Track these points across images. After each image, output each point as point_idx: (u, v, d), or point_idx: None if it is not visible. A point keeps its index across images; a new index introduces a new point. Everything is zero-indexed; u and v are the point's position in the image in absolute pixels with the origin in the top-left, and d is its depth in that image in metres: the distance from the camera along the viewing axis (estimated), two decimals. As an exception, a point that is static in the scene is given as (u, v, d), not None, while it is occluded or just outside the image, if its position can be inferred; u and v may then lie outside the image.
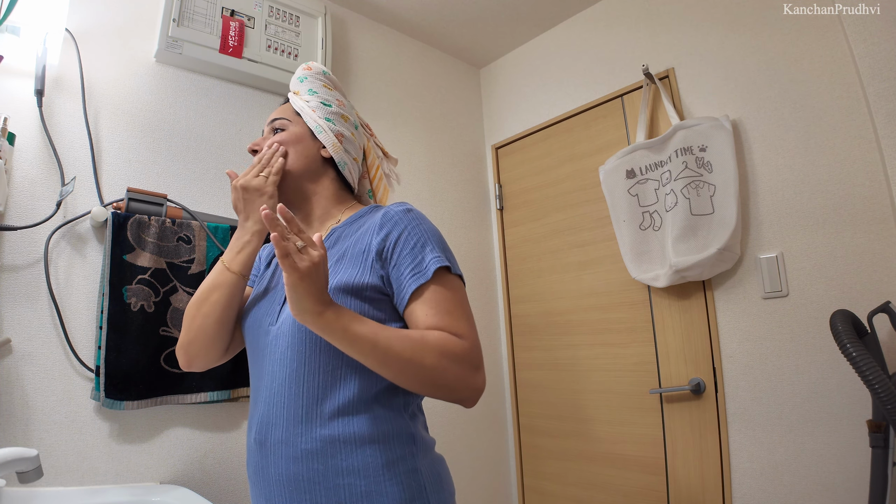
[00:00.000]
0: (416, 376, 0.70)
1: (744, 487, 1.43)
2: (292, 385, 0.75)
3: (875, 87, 1.20)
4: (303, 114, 0.91)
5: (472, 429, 1.96)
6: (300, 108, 0.91)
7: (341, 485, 0.70)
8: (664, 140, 1.58)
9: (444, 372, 0.71)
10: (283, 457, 0.73)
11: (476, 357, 0.74)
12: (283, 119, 0.91)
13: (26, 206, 1.17)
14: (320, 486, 0.71)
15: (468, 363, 0.73)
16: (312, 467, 0.71)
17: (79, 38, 1.30)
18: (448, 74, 2.26)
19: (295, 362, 0.75)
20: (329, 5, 1.82)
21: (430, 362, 0.70)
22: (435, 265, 0.75)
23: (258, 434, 0.76)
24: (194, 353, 0.86)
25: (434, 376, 0.71)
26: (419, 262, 0.75)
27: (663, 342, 1.64)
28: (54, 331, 1.17)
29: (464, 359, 0.73)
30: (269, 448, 0.74)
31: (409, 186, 1.98)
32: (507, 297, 2.13)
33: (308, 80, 0.94)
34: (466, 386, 0.73)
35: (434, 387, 0.72)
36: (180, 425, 1.30)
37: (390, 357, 0.69)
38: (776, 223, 1.44)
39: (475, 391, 0.74)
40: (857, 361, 1.00)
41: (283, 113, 0.92)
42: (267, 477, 0.75)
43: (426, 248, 0.77)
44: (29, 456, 0.85)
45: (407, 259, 0.76)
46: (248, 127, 1.58)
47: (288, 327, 0.77)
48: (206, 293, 0.84)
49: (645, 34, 1.78)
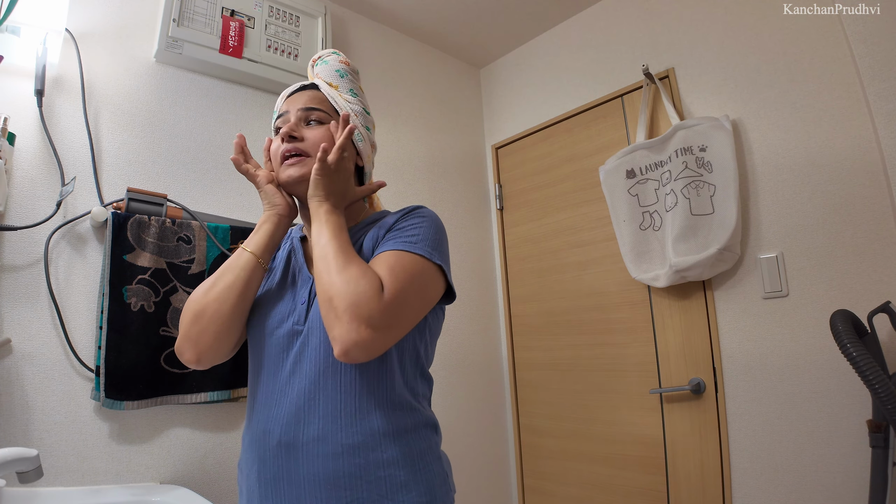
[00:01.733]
0: (325, 282, 0.69)
1: (744, 487, 1.43)
2: (328, 380, 0.73)
3: (875, 87, 1.20)
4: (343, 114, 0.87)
5: (473, 428, 1.96)
6: (341, 108, 0.85)
7: (382, 477, 0.71)
8: (664, 140, 1.58)
9: (341, 293, 0.67)
10: (320, 455, 0.71)
11: (375, 309, 0.66)
12: (323, 112, 0.84)
13: (26, 206, 1.17)
14: (362, 480, 0.70)
15: (364, 306, 0.66)
16: (354, 461, 0.71)
17: (79, 38, 1.30)
18: (448, 74, 2.26)
19: (331, 358, 0.74)
20: (329, 5, 1.82)
21: (340, 277, 0.68)
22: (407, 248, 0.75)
23: (284, 435, 0.73)
24: (206, 346, 0.77)
25: (333, 290, 0.68)
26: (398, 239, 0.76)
27: (663, 342, 1.64)
28: (54, 331, 1.17)
29: (365, 299, 0.66)
30: (301, 448, 0.72)
31: (410, 186, 1.98)
32: (507, 297, 2.13)
33: (348, 78, 0.89)
34: (348, 325, 0.66)
35: (327, 301, 0.68)
36: (180, 425, 1.30)
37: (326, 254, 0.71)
38: (776, 223, 1.44)
39: (349, 337, 0.66)
40: (857, 361, 1.00)
41: (322, 104, 0.84)
42: (296, 479, 0.71)
43: (415, 237, 0.77)
44: (29, 456, 0.85)
45: (392, 234, 0.78)
46: (248, 127, 1.58)
47: (320, 323, 0.75)
48: (217, 277, 0.79)
49: (645, 34, 1.79)
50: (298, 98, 0.85)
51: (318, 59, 0.91)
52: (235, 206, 1.50)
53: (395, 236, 0.77)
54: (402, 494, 0.71)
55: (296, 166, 0.80)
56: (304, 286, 0.81)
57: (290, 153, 0.81)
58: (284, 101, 0.87)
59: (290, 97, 0.87)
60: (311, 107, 0.84)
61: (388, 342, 0.70)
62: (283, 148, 0.81)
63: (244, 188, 1.53)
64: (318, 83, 0.88)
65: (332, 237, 0.73)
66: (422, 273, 0.74)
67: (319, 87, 0.87)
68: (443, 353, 1.90)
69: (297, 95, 0.86)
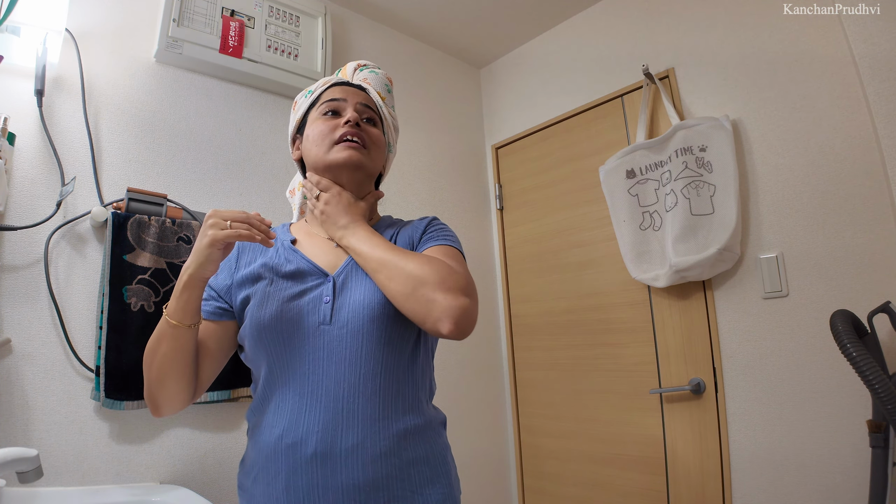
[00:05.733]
0: (399, 278, 0.74)
1: (744, 487, 1.43)
2: (367, 385, 0.74)
3: (875, 87, 1.20)
4: (385, 125, 0.94)
5: (473, 428, 1.96)
6: (385, 117, 0.93)
7: (412, 474, 0.75)
8: (664, 140, 1.58)
9: (424, 277, 0.73)
10: (360, 462, 0.71)
11: (461, 280, 0.75)
12: (376, 115, 0.92)
13: (26, 206, 1.17)
14: (396, 479, 0.74)
15: (451, 279, 0.73)
16: (390, 463, 0.73)
17: (79, 38, 1.30)
18: (448, 74, 2.26)
19: (372, 361, 0.75)
20: (329, 5, 1.82)
21: (414, 266, 0.74)
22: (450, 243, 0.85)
23: (321, 445, 0.71)
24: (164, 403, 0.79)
25: (414, 281, 0.73)
26: (438, 237, 0.86)
27: (663, 342, 1.64)
28: (54, 331, 1.17)
29: (448, 275, 0.74)
30: (339, 457, 0.71)
31: (409, 186, 1.98)
32: (507, 297, 2.13)
33: (391, 95, 0.97)
34: (444, 298, 0.71)
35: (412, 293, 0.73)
36: (180, 425, 1.30)
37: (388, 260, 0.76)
38: (776, 223, 1.44)
39: (454, 306, 0.71)
40: (857, 361, 1.00)
41: (375, 109, 0.92)
42: (333, 486, 0.70)
43: (449, 236, 0.88)
44: (29, 456, 0.84)
45: (430, 234, 0.87)
46: (248, 127, 1.58)
47: (358, 326, 0.76)
48: (155, 343, 0.77)
49: (645, 34, 1.78)
50: (356, 93, 0.90)
51: (363, 65, 0.97)
52: (235, 207, 1.50)
53: (432, 236, 0.86)
54: (428, 489, 0.76)
55: (356, 150, 0.85)
56: (323, 285, 0.80)
57: (353, 136, 0.85)
58: (337, 88, 0.91)
59: (343, 87, 0.91)
60: (368, 105, 0.90)
61: (477, 310, 0.76)
62: (345, 130, 0.85)
63: (244, 188, 1.53)
64: (367, 88, 0.93)
65: (379, 241, 0.80)
66: (463, 260, 0.85)
67: (369, 93, 0.93)
68: (443, 353, 1.90)
69: (353, 90, 0.91)
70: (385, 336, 0.77)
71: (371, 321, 0.76)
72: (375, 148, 0.88)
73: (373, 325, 0.76)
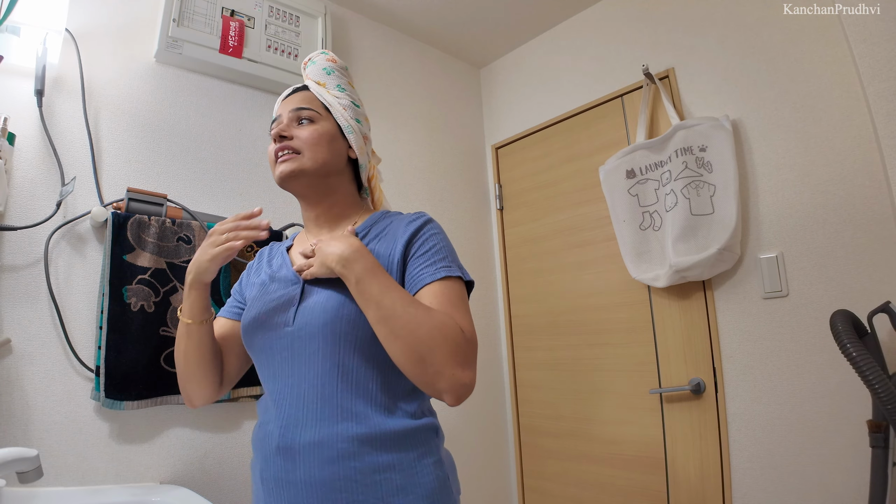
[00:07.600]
0: (406, 343, 0.70)
1: (744, 487, 1.43)
2: (325, 385, 0.75)
3: (875, 87, 1.20)
4: (332, 109, 0.89)
5: (473, 429, 1.96)
6: (330, 104, 0.89)
7: (379, 480, 0.72)
8: (664, 140, 1.58)
9: (434, 348, 0.70)
10: (317, 459, 0.72)
11: (469, 351, 0.73)
12: (313, 111, 0.87)
13: (26, 206, 1.17)
14: (359, 483, 0.71)
15: (460, 351, 0.71)
16: (350, 465, 0.72)
17: (79, 38, 1.30)
18: (448, 74, 2.26)
19: (328, 362, 0.75)
20: (329, 5, 1.82)
21: (424, 332, 0.70)
22: (448, 273, 0.79)
23: (282, 440, 0.74)
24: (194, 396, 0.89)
25: (423, 349, 0.70)
26: (433, 262, 0.80)
27: (663, 342, 1.64)
28: (54, 331, 1.17)
29: (458, 344, 0.71)
30: (298, 452, 0.73)
31: (409, 186, 1.98)
32: (507, 297, 2.13)
33: (335, 75, 0.92)
34: (452, 374, 0.70)
35: (419, 361, 0.70)
36: (180, 425, 1.30)
37: (390, 315, 0.71)
38: (776, 223, 1.44)
39: (458, 383, 0.71)
40: (857, 361, 1.00)
41: (311, 104, 0.88)
42: (294, 482, 0.73)
43: (442, 253, 0.81)
44: (29, 456, 0.85)
45: (424, 258, 0.80)
46: (248, 127, 1.58)
47: (317, 328, 0.76)
48: (177, 342, 0.88)
49: (645, 34, 1.78)
50: (290, 101, 0.90)
51: (307, 61, 0.95)
52: (235, 206, 1.50)
53: (425, 261, 0.80)
54: (397, 499, 0.72)
55: (287, 162, 0.85)
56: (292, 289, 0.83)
57: (281, 151, 0.85)
58: (279, 105, 0.92)
59: (283, 101, 0.92)
60: (300, 107, 0.88)
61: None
62: (274, 148, 0.86)
63: (244, 188, 1.53)
64: (308, 83, 0.93)
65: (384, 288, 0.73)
66: (465, 294, 0.81)
67: (309, 87, 0.92)
68: (443, 353, 1.90)
69: (288, 98, 0.91)
70: (342, 338, 0.76)
71: (325, 324, 0.76)
72: (312, 146, 0.85)
73: (327, 328, 0.76)
